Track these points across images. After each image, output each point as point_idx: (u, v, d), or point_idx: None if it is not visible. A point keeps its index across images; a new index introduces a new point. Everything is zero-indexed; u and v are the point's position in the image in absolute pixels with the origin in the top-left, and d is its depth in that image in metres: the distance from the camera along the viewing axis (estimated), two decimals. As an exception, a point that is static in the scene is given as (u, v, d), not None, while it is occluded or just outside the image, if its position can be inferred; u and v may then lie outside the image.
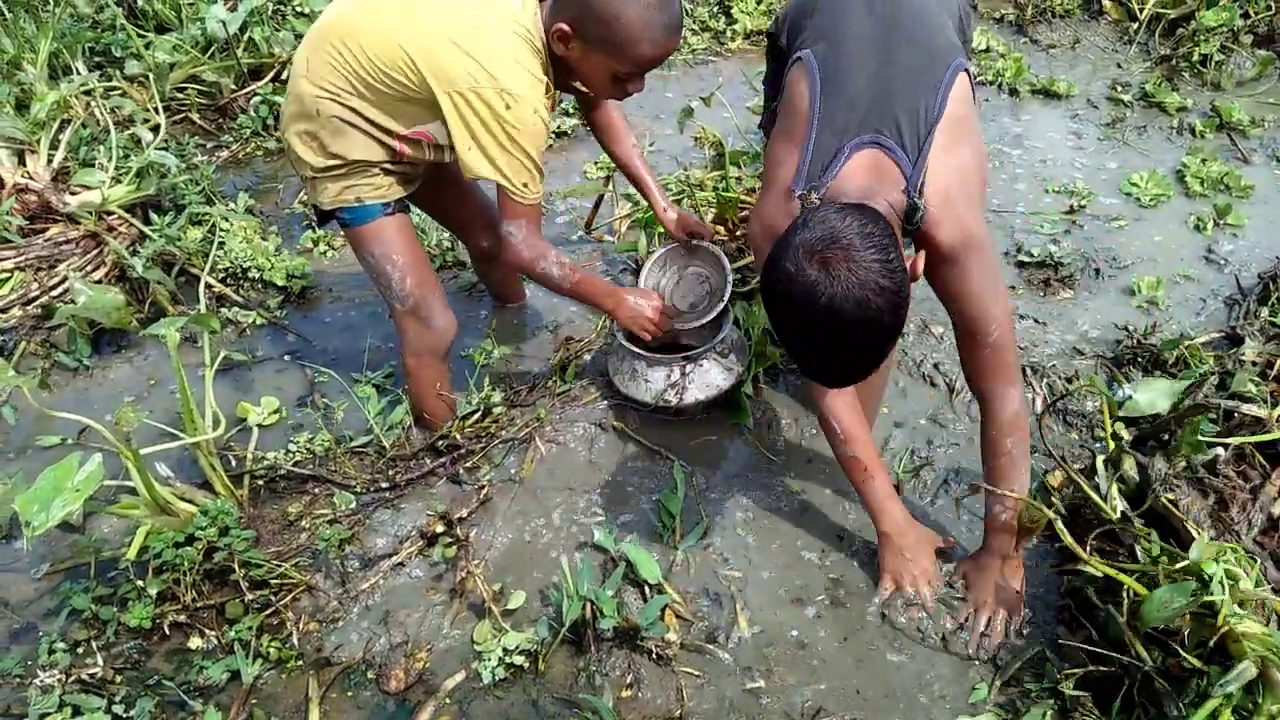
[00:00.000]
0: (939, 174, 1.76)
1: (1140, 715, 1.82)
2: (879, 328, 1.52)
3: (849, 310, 1.47)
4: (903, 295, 1.53)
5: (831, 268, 1.47)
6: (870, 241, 1.49)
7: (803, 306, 1.50)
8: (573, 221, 3.53)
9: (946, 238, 1.77)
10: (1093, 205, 3.54)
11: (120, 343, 2.98)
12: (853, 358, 1.59)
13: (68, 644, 2.10)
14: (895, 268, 1.51)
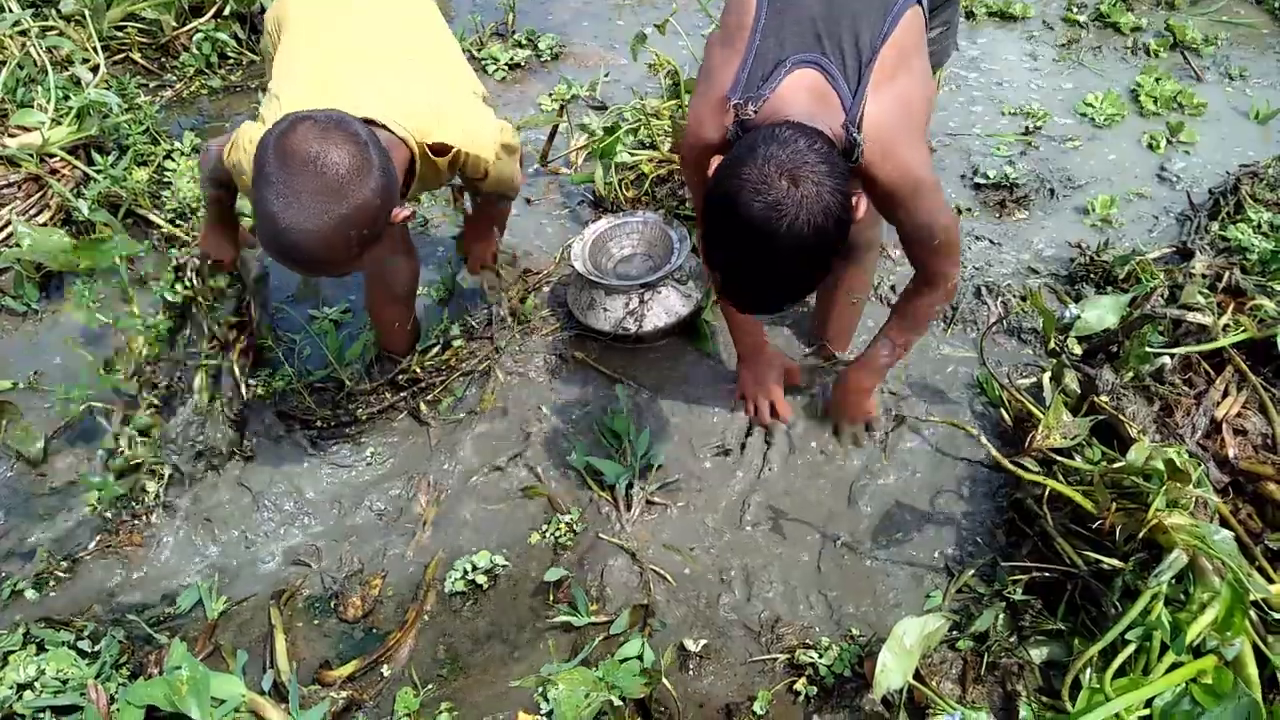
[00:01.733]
0: (878, 109, 1.66)
1: (1084, 616, 1.88)
2: (824, 258, 1.51)
3: (806, 236, 1.44)
4: (848, 227, 1.52)
5: (800, 186, 1.43)
6: (834, 169, 1.47)
7: (760, 224, 1.44)
8: (528, 155, 3.48)
9: (886, 179, 1.71)
10: (1048, 126, 3.55)
11: (68, 286, 2.92)
12: (789, 284, 1.56)
13: (29, 580, 2.10)
14: (848, 199, 1.50)
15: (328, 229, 1.56)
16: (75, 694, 1.86)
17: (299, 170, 1.53)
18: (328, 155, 1.54)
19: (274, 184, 1.54)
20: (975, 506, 2.22)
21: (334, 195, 1.54)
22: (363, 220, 1.59)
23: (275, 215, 1.55)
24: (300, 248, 1.57)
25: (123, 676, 1.91)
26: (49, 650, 1.94)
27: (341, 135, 1.57)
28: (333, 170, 1.54)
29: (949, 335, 2.67)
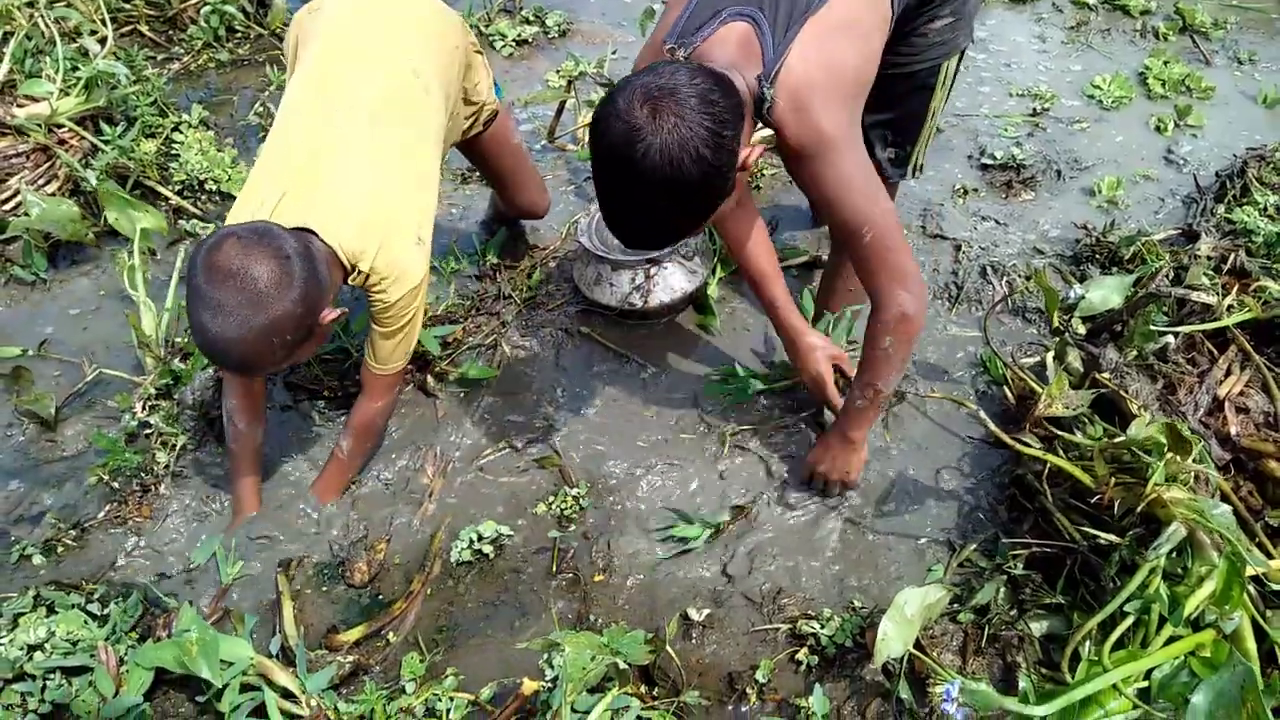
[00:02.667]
0: (797, 67, 1.64)
1: (1083, 591, 1.90)
2: (683, 197, 1.50)
3: (659, 166, 1.44)
4: (720, 174, 1.50)
5: (659, 116, 1.43)
6: (710, 108, 1.46)
7: (618, 147, 1.46)
8: (535, 130, 3.48)
9: (793, 137, 1.68)
10: (1056, 108, 3.55)
11: (76, 256, 2.94)
12: (650, 217, 1.55)
13: (38, 546, 2.12)
14: (724, 144, 1.48)
15: (250, 337, 1.62)
16: (85, 655, 1.88)
17: (221, 284, 1.59)
18: (249, 270, 1.60)
19: (200, 296, 1.61)
20: (977, 482, 2.24)
21: (255, 307, 1.60)
22: (284, 328, 1.65)
23: (203, 326, 1.62)
24: (228, 355, 1.65)
25: (132, 639, 1.94)
26: (59, 613, 1.96)
27: (264, 251, 1.62)
28: (253, 285, 1.60)
29: (954, 314, 2.68)
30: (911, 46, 2.00)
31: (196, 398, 2.28)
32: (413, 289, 1.90)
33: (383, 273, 1.86)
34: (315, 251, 1.74)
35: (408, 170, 1.95)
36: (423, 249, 1.93)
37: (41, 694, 1.84)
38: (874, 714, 1.80)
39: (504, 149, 2.55)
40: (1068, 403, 1.99)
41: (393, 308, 1.91)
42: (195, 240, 2.98)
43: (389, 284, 1.87)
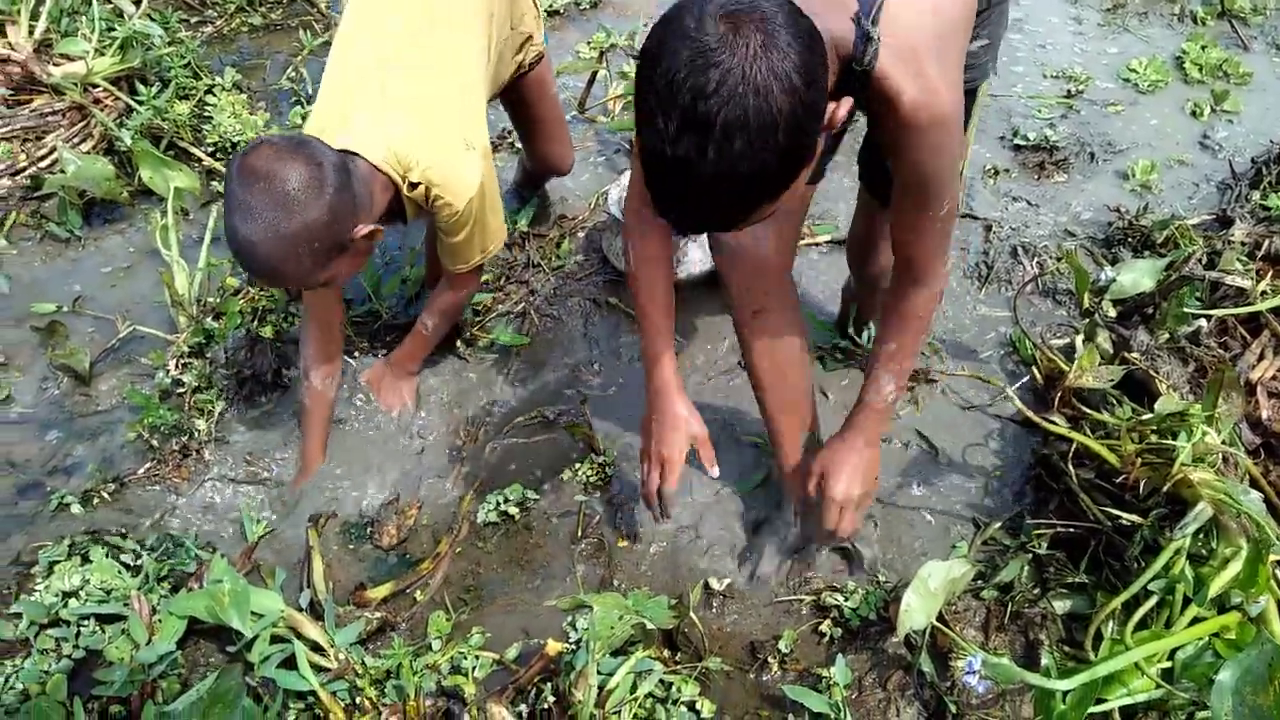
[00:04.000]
0: (904, 16, 1.29)
1: (1107, 571, 1.90)
2: (768, 146, 1.09)
3: (740, 96, 1.05)
4: (813, 118, 1.13)
5: (740, 33, 1.06)
6: (802, 36, 1.10)
7: (682, 74, 1.06)
8: (566, 100, 3.48)
9: (903, 95, 1.32)
10: (1090, 90, 3.51)
11: (110, 215, 2.96)
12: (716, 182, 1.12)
13: (77, 496, 2.16)
14: (818, 81, 1.12)
15: (276, 242, 1.62)
16: (118, 604, 1.92)
17: (251, 186, 1.60)
18: (279, 173, 1.61)
19: (232, 199, 1.62)
20: (1003, 462, 2.24)
21: (282, 210, 1.60)
22: (311, 236, 1.65)
23: (233, 229, 1.63)
24: (254, 259, 1.65)
25: (164, 590, 1.97)
26: (93, 562, 1.99)
27: (296, 156, 1.63)
28: (281, 187, 1.60)
29: (983, 294, 2.67)
30: None
31: (230, 357, 2.30)
32: (471, 196, 1.91)
33: (436, 182, 1.87)
34: (354, 168, 1.76)
35: (451, 79, 1.97)
36: (473, 154, 1.94)
37: (75, 640, 1.88)
38: (895, 685, 1.81)
39: (544, 95, 2.56)
40: (1097, 376, 1.98)
41: (457, 217, 1.93)
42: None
43: (444, 193, 1.89)
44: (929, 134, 1.37)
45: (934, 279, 1.63)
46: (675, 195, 1.17)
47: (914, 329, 1.70)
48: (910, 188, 1.50)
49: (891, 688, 1.82)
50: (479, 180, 1.93)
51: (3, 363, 2.48)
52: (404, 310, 2.59)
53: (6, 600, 1.96)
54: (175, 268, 2.45)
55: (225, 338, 2.33)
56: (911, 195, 1.51)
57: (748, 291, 1.83)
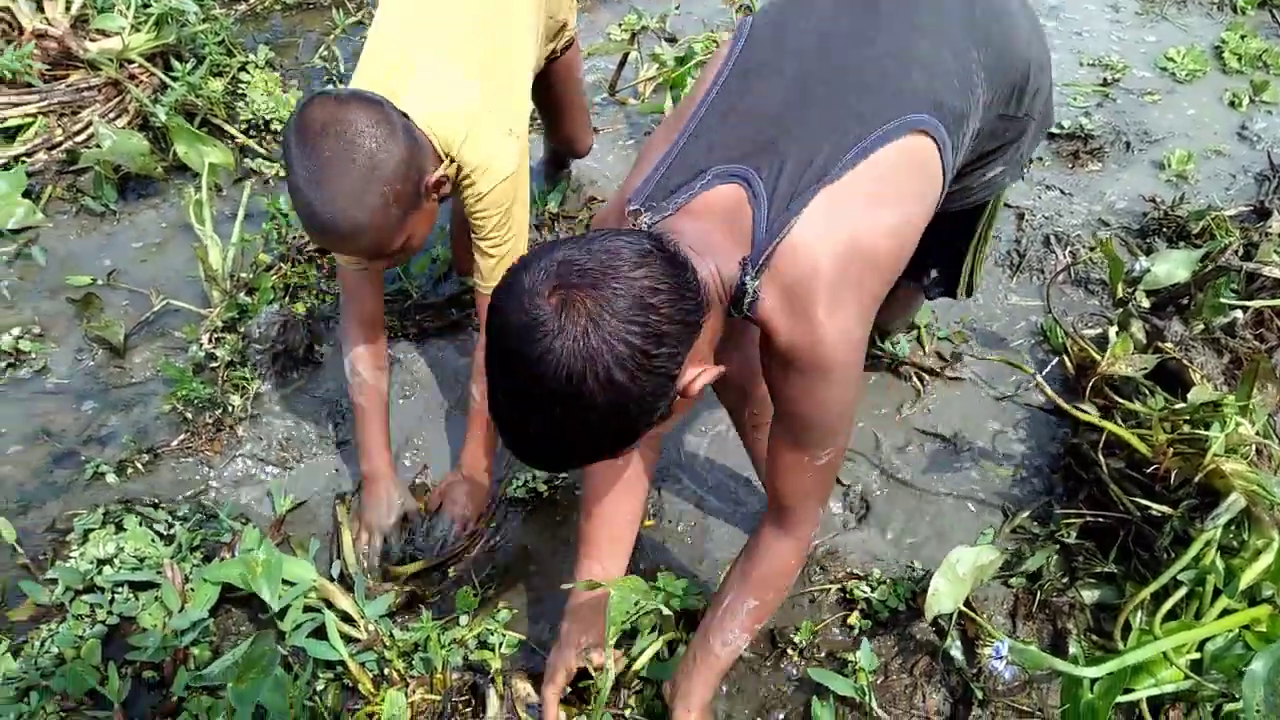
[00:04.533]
0: (800, 251, 1.21)
1: (1136, 562, 1.89)
2: (579, 423, 1.08)
3: (552, 377, 1.03)
4: (640, 402, 1.08)
5: (568, 312, 1.02)
6: (644, 314, 1.04)
7: (510, 338, 1.06)
8: (597, 83, 3.48)
9: (785, 340, 1.25)
10: (1127, 79, 3.47)
11: (144, 190, 2.99)
12: (535, 435, 1.13)
13: (112, 466, 2.18)
14: (652, 366, 1.06)
15: (358, 191, 1.53)
16: (152, 571, 1.95)
17: (320, 140, 1.51)
18: (344, 116, 1.52)
19: (298, 160, 1.52)
20: (1032, 451, 2.23)
21: (359, 154, 1.52)
22: (393, 177, 1.56)
23: (307, 197, 1.53)
24: (339, 221, 1.55)
25: (196, 559, 1.99)
26: (127, 530, 2.02)
27: (357, 102, 1.55)
28: (351, 127, 1.52)
29: (1014, 283, 2.66)
30: (962, 191, 1.72)
31: (263, 332, 2.32)
32: (504, 180, 1.83)
33: (471, 163, 1.79)
34: (411, 124, 1.68)
35: (500, 64, 1.91)
36: (514, 141, 1.86)
37: (110, 606, 1.91)
38: (922, 671, 1.81)
39: (571, 78, 2.56)
40: (1131, 363, 1.97)
41: (485, 201, 1.84)
42: (260, 178, 3.01)
43: (478, 175, 1.80)
44: (806, 376, 1.28)
45: (802, 526, 1.49)
46: (508, 438, 1.16)
47: (777, 587, 1.56)
48: (787, 423, 1.38)
49: (918, 673, 1.82)
50: (514, 168, 1.85)
51: (39, 334, 2.51)
52: (433, 289, 2.60)
53: (42, 566, 2.00)
54: (209, 243, 2.47)
55: (258, 312, 2.35)
56: (787, 429, 1.39)
57: (740, 410, 1.87)
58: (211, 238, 2.49)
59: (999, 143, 1.63)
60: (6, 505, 2.12)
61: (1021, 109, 1.61)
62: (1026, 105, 1.62)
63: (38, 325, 2.53)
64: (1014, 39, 1.53)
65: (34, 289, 2.65)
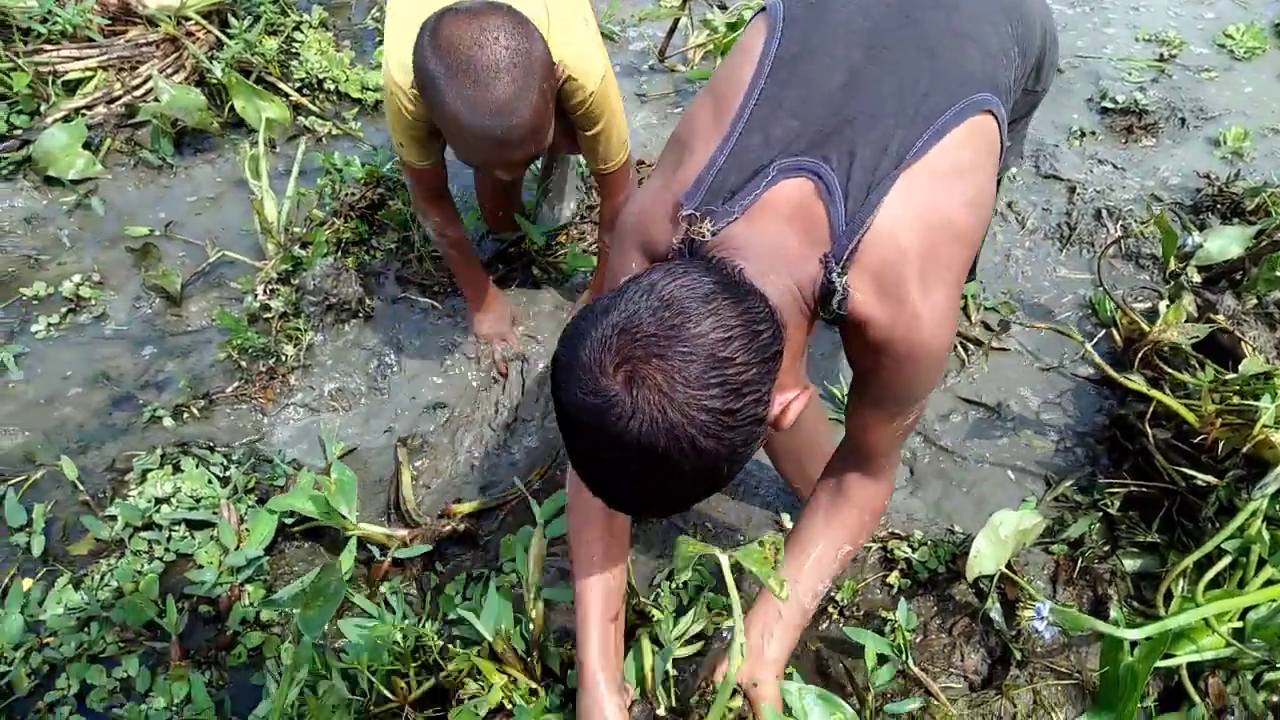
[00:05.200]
0: (886, 237, 1.15)
1: (1179, 532, 1.89)
2: (676, 486, 1.03)
3: (639, 454, 0.98)
4: (733, 457, 1.01)
5: (638, 389, 0.95)
6: (721, 371, 0.97)
7: (584, 418, 0.99)
8: (645, 50, 3.48)
9: (878, 327, 1.19)
10: (1184, 55, 3.42)
11: (200, 145, 3.04)
12: (635, 498, 1.09)
13: (168, 410, 2.24)
14: (738, 421, 0.99)
15: (524, 90, 1.56)
16: (208, 511, 2.00)
17: (472, 51, 1.53)
18: (490, 24, 1.55)
19: (454, 78, 1.54)
20: (1077, 422, 2.23)
21: (515, 54, 1.55)
22: (544, 71, 1.60)
23: (472, 101, 1.55)
24: (512, 125, 1.58)
25: (250, 501, 2.05)
26: (184, 471, 2.08)
27: (490, 9, 1.58)
28: (503, 34, 1.55)
29: (1064, 256, 2.64)
30: None
31: (317, 284, 2.36)
32: (601, 75, 1.85)
33: (572, 64, 1.80)
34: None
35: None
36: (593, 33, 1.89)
37: (167, 543, 1.97)
38: (961, 632, 1.83)
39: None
40: (1183, 331, 1.96)
41: (589, 100, 1.87)
42: (313, 136, 3.06)
43: (578, 73, 1.82)
44: (903, 362, 1.23)
45: (888, 471, 1.47)
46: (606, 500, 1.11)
47: (869, 530, 1.51)
48: (875, 400, 1.35)
49: (956, 634, 1.83)
50: (604, 61, 1.88)
51: (98, 281, 2.57)
52: (477, 247, 2.63)
53: (102, 503, 2.06)
54: (265, 196, 2.51)
55: (313, 265, 2.39)
56: (877, 406, 1.35)
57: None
58: (267, 191, 2.53)
59: (1014, 117, 1.59)
60: (68, 445, 2.18)
61: (1040, 83, 1.60)
62: (1044, 79, 1.60)
63: (97, 273, 2.59)
64: (1032, 10, 1.50)
65: (93, 238, 2.71)
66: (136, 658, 1.81)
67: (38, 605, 1.88)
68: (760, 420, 1.03)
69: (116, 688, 1.79)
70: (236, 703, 1.78)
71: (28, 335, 2.43)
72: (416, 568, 1.97)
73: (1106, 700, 1.67)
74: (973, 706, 1.70)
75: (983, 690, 1.74)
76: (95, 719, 1.74)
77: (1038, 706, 1.70)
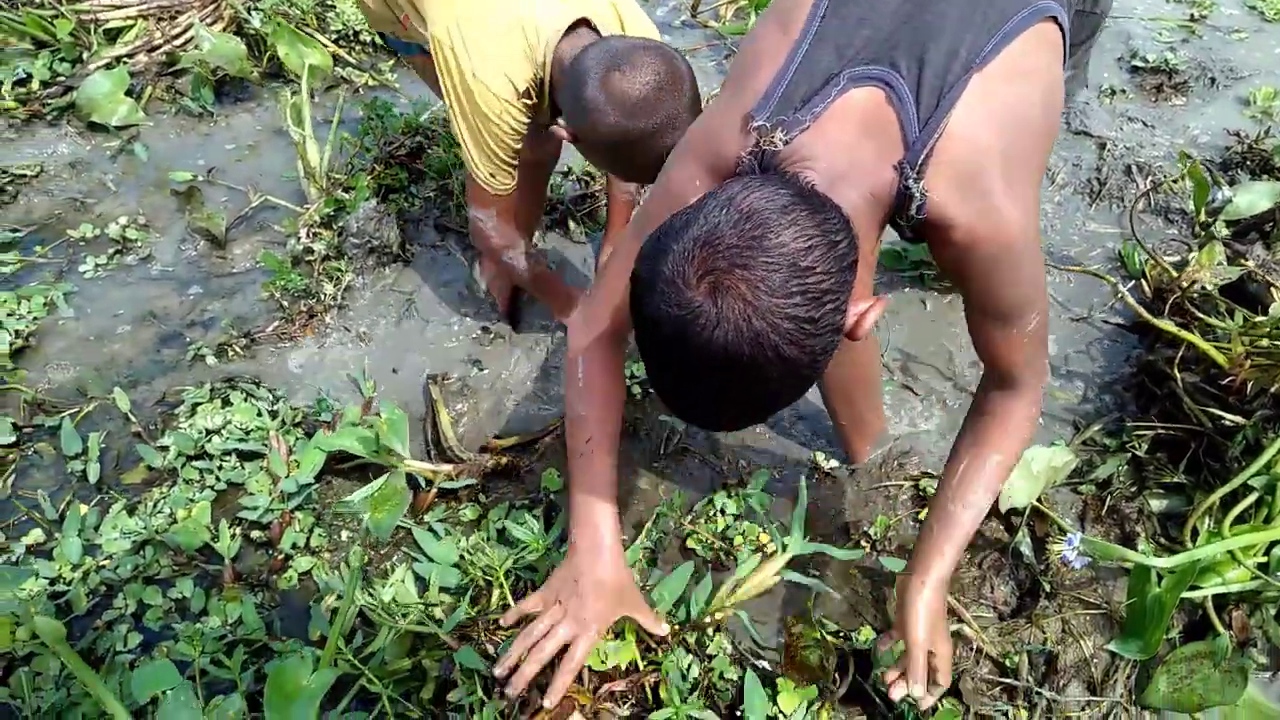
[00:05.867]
0: (963, 136, 1.16)
1: (1205, 473, 1.93)
2: (762, 394, 1.07)
3: (725, 364, 1.01)
4: (815, 363, 1.05)
5: (722, 298, 0.98)
6: (803, 279, 0.99)
7: (667, 330, 1.02)
8: (677, 7, 3.50)
9: (965, 229, 1.19)
10: (1214, 16, 3.44)
11: (239, 94, 3.09)
12: (719, 408, 1.11)
13: (211, 348, 2.30)
14: (821, 327, 1.02)
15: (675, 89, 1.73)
16: (257, 442, 2.06)
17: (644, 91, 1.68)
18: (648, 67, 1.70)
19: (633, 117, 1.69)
20: (1105, 370, 2.26)
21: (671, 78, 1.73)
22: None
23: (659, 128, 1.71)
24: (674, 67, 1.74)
25: (298, 434, 2.10)
26: (233, 404, 2.14)
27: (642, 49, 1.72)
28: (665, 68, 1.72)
29: (1093, 210, 2.67)
30: None
31: (360, 226, 2.41)
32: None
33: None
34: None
35: None
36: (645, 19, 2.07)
37: (218, 473, 2.03)
38: (991, 565, 1.88)
39: None
40: (1215, 273, 1.99)
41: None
42: (350, 87, 3.10)
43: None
44: (998, 262, 1.23)
45: (1031, 387, 1.45)
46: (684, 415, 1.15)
47: (1023, 438, 1.50)
48: (983, 309, 1.34)
49: (986, 567, 1.88)
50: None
51: (144, 224, 2.62)
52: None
53: (153, 435, 2.12)
54: (308, 141, 2.56)
55: (356, 208, 2.44)
56: (988, 316, 1.34)
57: None
58: (310, 136, 2.58)
59: (1071, 41, 1.52)
60: (118, 379, 2.24)
61: (1099, 5, 1.59)
62: (1101, 1, 1.60)
63: (142, 216, 2.65)
64: None
65: (136, 183, 2.77)
66: (191, 580, 1.87)
67: (93, 530, 1.95)
68: (838, 329, 1.06)
69: (171, 608, 1.85)
70: (286, 624, 1.84)
71: (76, 275, 2.49)
72: (460, 500, 2.03)
73: (1134, 629, 1.72)
74: (1003, 634, 1.76)
75: (1012, 619, 1.80)
76: (152, 636, 1.80)
77: (1066, 635, 1.75)
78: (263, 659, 1.72)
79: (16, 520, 1.95)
